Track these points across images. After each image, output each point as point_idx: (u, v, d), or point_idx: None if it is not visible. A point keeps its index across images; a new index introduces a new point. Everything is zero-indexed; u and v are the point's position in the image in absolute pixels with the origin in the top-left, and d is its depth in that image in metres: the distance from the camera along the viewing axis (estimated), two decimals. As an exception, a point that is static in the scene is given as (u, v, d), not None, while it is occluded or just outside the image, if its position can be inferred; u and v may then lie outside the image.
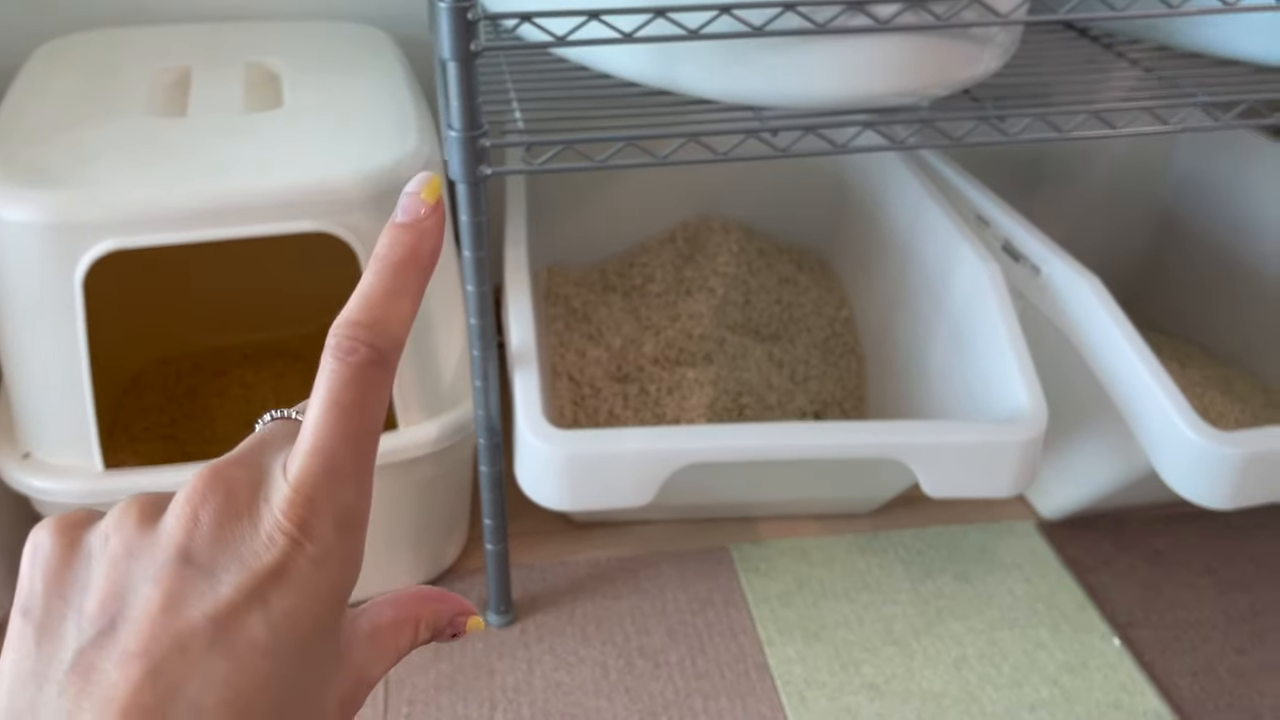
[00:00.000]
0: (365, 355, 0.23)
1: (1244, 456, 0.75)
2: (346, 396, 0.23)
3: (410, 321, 0.24)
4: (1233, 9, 0.74)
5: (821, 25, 0.68)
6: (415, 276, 0.24)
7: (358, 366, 0.23)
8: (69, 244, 0.71)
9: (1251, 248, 1.10)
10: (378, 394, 0.23)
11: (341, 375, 0.23)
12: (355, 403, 0.23)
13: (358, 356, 0.23)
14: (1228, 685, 0.87)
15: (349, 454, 0.23)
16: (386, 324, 0.23)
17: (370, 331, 0.23)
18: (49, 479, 0.77)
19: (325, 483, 0.23)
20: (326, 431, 0.23)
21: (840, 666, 0.87)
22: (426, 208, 0.24)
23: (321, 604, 0.23)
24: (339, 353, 0.23)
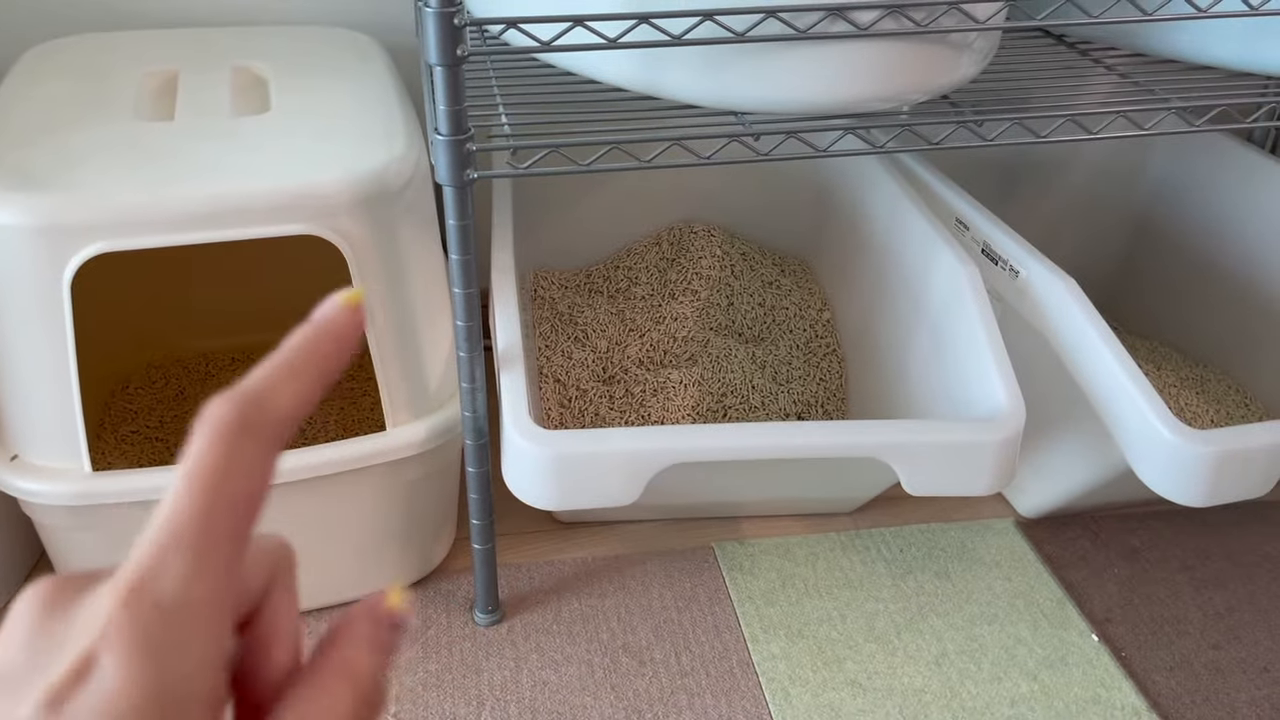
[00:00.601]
0: (231, 422, 0.21)
1: (1218, 455, 0.76)
2: (203, 464, 0.21)
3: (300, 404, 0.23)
4: (1205, 15, 0.76)
5: (802, 31, 0.69)
6: (311, 365, 0.23)
7: (220, 434, 0.21)
8: (57, 246, 0.71)
9: (1225, 250, 1.12)
10: (245, 466, 0.21)
11: (204, 441, 0.21)
12: (213, 471, 0.21)
13: (222, 423, 0.21)
14: (1204, 680, 0.88)
15: (203, 523, 0.21)
16: (264, 397, 0.22)
17: (242, 400, 0.22)
18: (37, 481, 0.77)
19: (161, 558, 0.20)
20: (173, 503, 0.21)
21: (823, 663, 0.88)
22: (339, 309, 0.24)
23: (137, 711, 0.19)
24: (204, 421, 0.21)
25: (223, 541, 0.21)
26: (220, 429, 0.21)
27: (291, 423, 0.23)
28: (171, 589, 0.20)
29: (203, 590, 0.21)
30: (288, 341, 0.23)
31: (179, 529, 0.21)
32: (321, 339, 0.24)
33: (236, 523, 0.21)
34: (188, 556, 0.20)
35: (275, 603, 0.24)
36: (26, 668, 0.20)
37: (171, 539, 0.21)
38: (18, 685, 0.20)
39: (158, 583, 0.20)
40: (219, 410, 0.22)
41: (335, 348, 0.24)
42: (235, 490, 0.21)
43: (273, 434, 0.22)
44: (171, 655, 0.20)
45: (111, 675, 0.19)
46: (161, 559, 0.20)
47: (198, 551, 0.21)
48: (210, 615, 0.21)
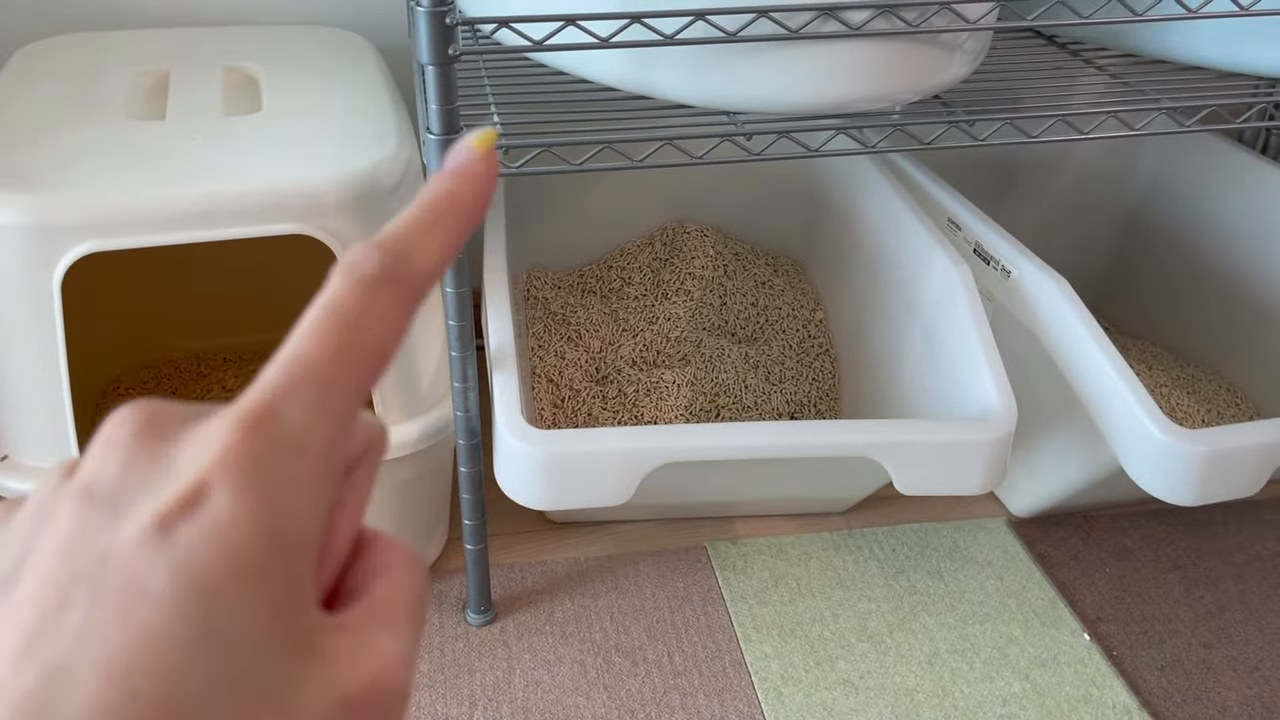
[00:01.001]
0: (375, 271, 0.21)
1: (1208, 454, 0.76)
2: (344, 305, 0.20)
3: (443, 258, 0.22)
4: (1195, 16, 0.76)
5: (794, 31, 0.70)
6: (451, 215, 0.22)
7: (364, 280, 0.21)
8: (47, 246, 0.71)
9: (1216, 250, 1.12)
10: (385, 313, 0.21)
11: (343, 285, 0.21)
12: (353, 313, 0.20)
13: (365, 270, 0.21)
14: (1195, 679, 0.89)
15: (332, 367, 0.20)
16: (407, 249, 0.21)
17: (385, 251, 0.21)
18: (27, 482, 0.77)
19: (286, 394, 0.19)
20: (308, 338, 0.20)
21: (815, 663, 0.88)
22: (473, 154, 0.23)
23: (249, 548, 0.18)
24: (345, 267, 0.21)
25: (350, 389, 0.20)
26: (362, 275, 0.21)
27: (434, 277, 0.22)
28: (296, 426, 0.19)
29: (324, 434, 0.20)
30: (424, 192, 0.22)
31: (310, 366, 0.20)
32: (459, 187, 0.23)
33: (365, 373, 0.20)
34: (315, 395, 0.20)
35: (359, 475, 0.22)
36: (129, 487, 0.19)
37: (301, 375, 0.20)
38: (118, 503, 0.19)
39: (282, 417, 0.19)
40: (362, 255, 0.21)
41: (474, 196, 0.23)
42: (369, 339, 0.20)
43: (414, 287, 0.21)
44: (287, 494, 0.19)
45: (226, 505, 0.18)
46: (289, 393, 0.19)
47: (326, 392, 0.20)
48: (327, 461, 0.20)
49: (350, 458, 0.22)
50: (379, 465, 0.23)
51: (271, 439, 0.19)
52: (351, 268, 0.21)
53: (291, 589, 0.19)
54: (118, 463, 0.20)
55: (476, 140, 0.23)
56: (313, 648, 0.19)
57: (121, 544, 0.18)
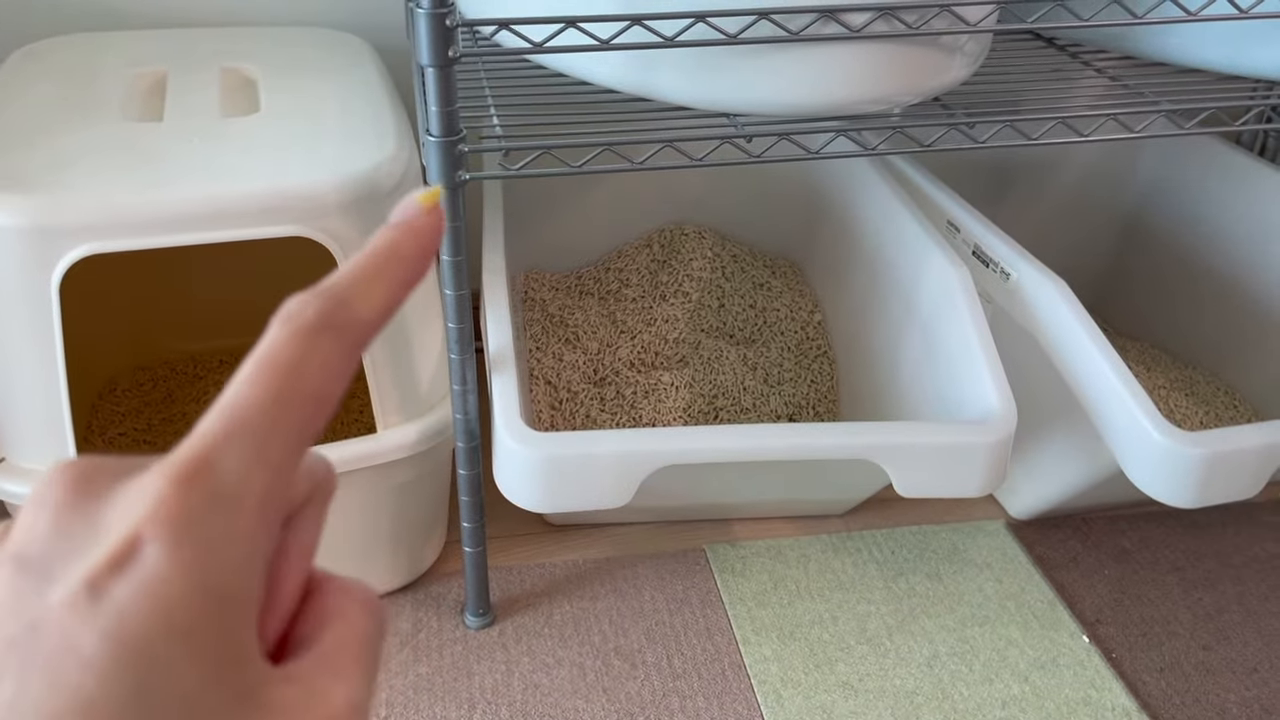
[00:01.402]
0: (314, 319, 0.20)
1: (1207, 456, 0.76)
2: (282, 353, 0.20)
3: (385, 306, 0.22)
4: (1195, 18, 0.76)
5: (795, 33, 0.69)
6: (394, 266, 0.22)
7: (303, 328, 0.20)
8: (45, 248, 0.71)
9: (1214, 253, 1.12)
10: (325, 360, 0.20)
11: (281, 334, 0.20)
12: (292, 361, 0.20)
13: (305, 318, 0.20)
14: (1194, 681, 0.89)
15: (269, 415, 0.20)
16: (348, 296, 0.21)
17: (325, 298, 0.21)
18: (23, 483, 0.76)
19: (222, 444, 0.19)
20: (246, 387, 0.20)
21: (815, 665, 0.88)
22: (419, 209, 0.23)
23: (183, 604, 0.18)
24: (284, 316, 0.21)
25: (289, 437, 0.20)
26: (300, 323, 0.20)
27: (374, 327, 0.22)
28: (231, 477, 0.19)
29: (261, 484, 0.19)
30: (370, 244, 0.22)
31: (246, 416, 0.19)
32: (403, 239, 0.23)
33: (305, 421, 0.20)
34: (251, 445, 0.19)
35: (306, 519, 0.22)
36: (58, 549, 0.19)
37: (237, 425, 0.19)
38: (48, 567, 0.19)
39: (217, 468, 0.19)
40: (300, 305, 0.21)
41: (418, 249, 0.23)
42: (309, 386, 0.20)
43: (354, 335, 0.21)
44: (222, 547, 0.19)
45: (157, 560, 0.18)
46: (224, 444, 0.19)
47: (263, 442, 0.20)
48: (263, 512, 0.20)
49: (294, 501, 0.22)
50: (326, 507, 0.23)
51: (206, 491, 0.19)
52: (290, 316, 0.21)
53: (230, 643, 0.19)
54: (47, 525, 0.19)
55: (423, 196, 0.23)
56: (258, 702, 0.19)
57: (52, 609, 0.18)
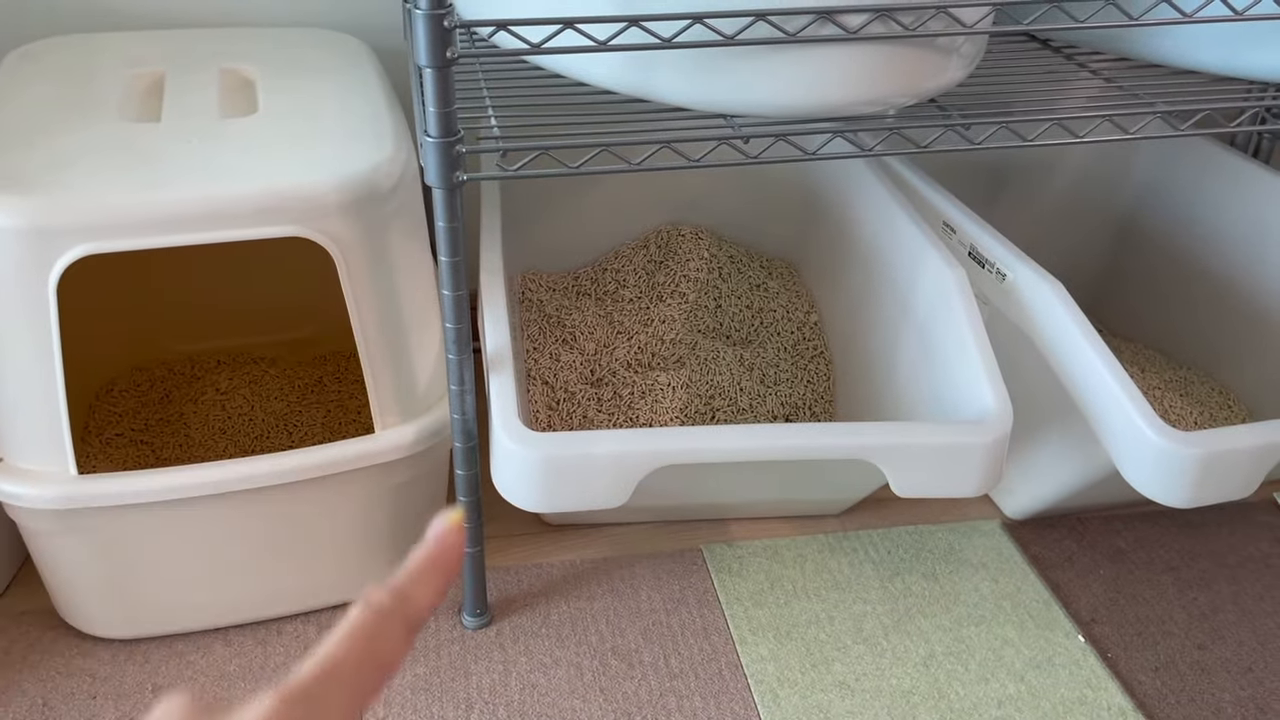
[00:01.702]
0: (385, 604, 0.28)
1: (1203, 456, 0.77)
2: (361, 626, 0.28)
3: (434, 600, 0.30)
4: (1191, 20, 0.76)
5: (792, 35, 0.70)
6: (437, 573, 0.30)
7: (377, 609, 0.28)
8: (43, 248, 0.71)
9: (1209, 254, 1.13)
10: (389, 638, 0.28)
11: (362, 611, 0.28)
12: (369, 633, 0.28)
13: (379, 605, 0.28)
14: (1189, 681, 0.89)
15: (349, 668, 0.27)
16: (408, 594, 0.29)
17: (393, 593, 0.29)
18: (21, 484, 0.76)
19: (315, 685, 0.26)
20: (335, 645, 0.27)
21: (811, 665, 0.88)
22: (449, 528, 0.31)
23: None
24: (365, 602, 0.29)
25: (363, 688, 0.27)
26: (377, 608, 0.28)
27: (427, 613, 0.30)
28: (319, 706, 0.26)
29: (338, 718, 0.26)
30: (415, 555, 0.31)
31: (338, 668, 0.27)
32: (441, 553, 0.31)
33: (376, 677, 0.28)
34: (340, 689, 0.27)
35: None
36: None
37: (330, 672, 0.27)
38: None
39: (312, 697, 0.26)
40: (377, 596, 0.29)
41: (450, 557, 0.31)
42: (381, 651, 0.28)
43: (414, 619, 0.29)
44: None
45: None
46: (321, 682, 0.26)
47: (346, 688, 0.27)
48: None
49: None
50: None
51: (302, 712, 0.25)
52: (370, 602, 0.29)
53: None
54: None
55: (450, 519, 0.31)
56: None
57: None
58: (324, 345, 1.10)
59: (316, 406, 1.04)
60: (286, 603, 0.90)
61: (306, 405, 1.03)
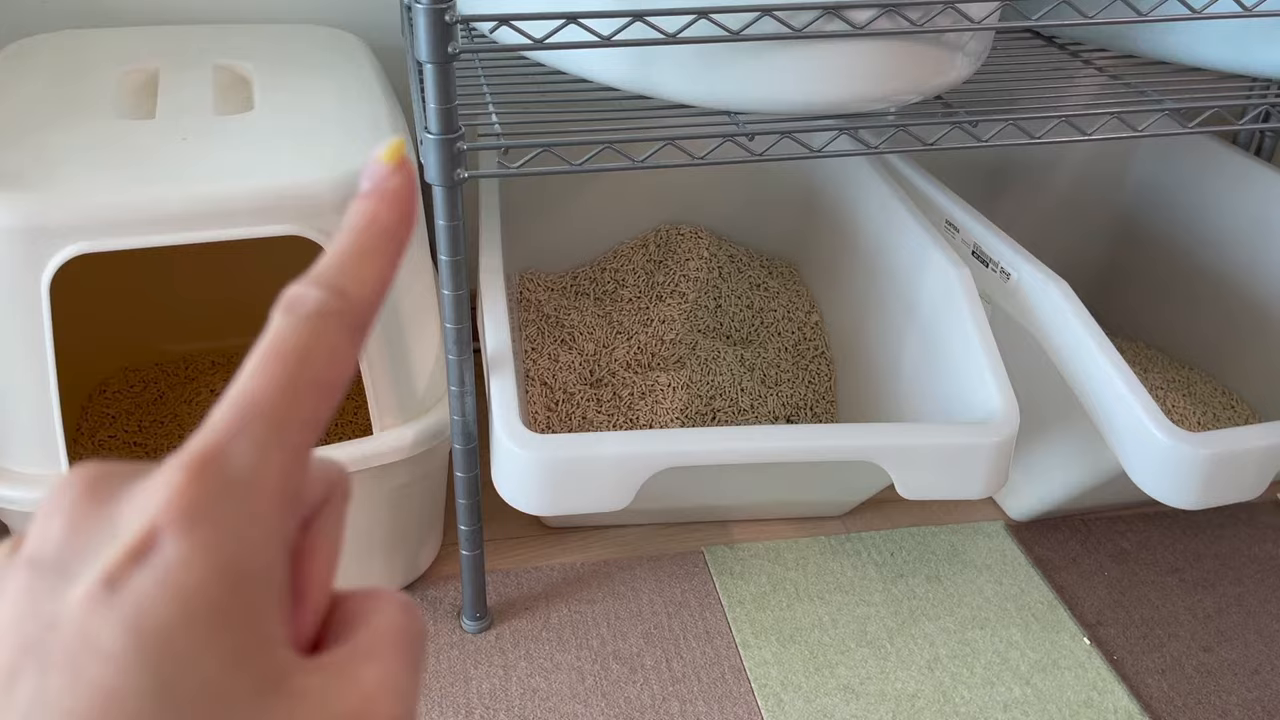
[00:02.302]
0: (314, 306, 0.21)
1: (1212, 457, 0.76)
2: (288, 341, 0.20)
3: (379, 285, 0.22)
4: (1200, 16, 0.76)
5: (798, 30, 0.69)
6: (380, 240, 0.22)
7: (305, 317, 0.21)
8: (36, 248, 0.70)
9: (1209, 252, 1.12)
10: (330, 346, 0.21)
11: (286, 323, 0.21)
12: (297, 351, 0.20)
13: (305, 308, 0.21)
14: (1195, 683, 0.88)
15: (280, 402, 0.20)
16: (343, 281, 0.21)
17: (322, 286, 0.21)
18: (13, 487, 0.75)
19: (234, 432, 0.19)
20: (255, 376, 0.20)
21: (815, 668, 0.87)
22: (386, 169, 0.22)
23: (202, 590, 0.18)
24: (285, 305, 0.21)
25: (301, 422, 0.20)
26: (303, 310, 0.21)
27: (373, 307, 0.22)
28: (245, 461, 0.19)
29: (277, 468, 0.19)
30: (347, 220, 0.22)
31: (257, 403, 0.20)
32: (380, 209, 0.22)
33: (316, 406, 0.20)
34: (265, 430, 0.19)
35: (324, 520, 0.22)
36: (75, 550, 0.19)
37: (249, 413, 0.19)
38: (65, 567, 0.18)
39: (230, 455, 0.19)
40: (300, 293, 0.21)
41: (398, 215, 0.22)
42: (317, 373, 0.20)
43: (356, 318, 0.21)
44: (240, 531, 0.19)
45: (175, 549, 0.18)
46: (237, 431, 0.19)
47: (276, 427, 0.20)
48: (281, 496, 0.20)
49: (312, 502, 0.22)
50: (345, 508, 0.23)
51: (221, 478, 0.19)
52: (292, 305, 0.21)
53: (254, 629, 0.18)
54: (61, 527, 0.19)
55: (386, 154, 0.23)
56: (285, 689, 0.18)
57: (70, 607, 0.18)
58: (320, 345, 1.08)
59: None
60: (283, 607, 0.88)
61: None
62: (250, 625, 0.18)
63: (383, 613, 0.21)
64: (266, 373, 0.20)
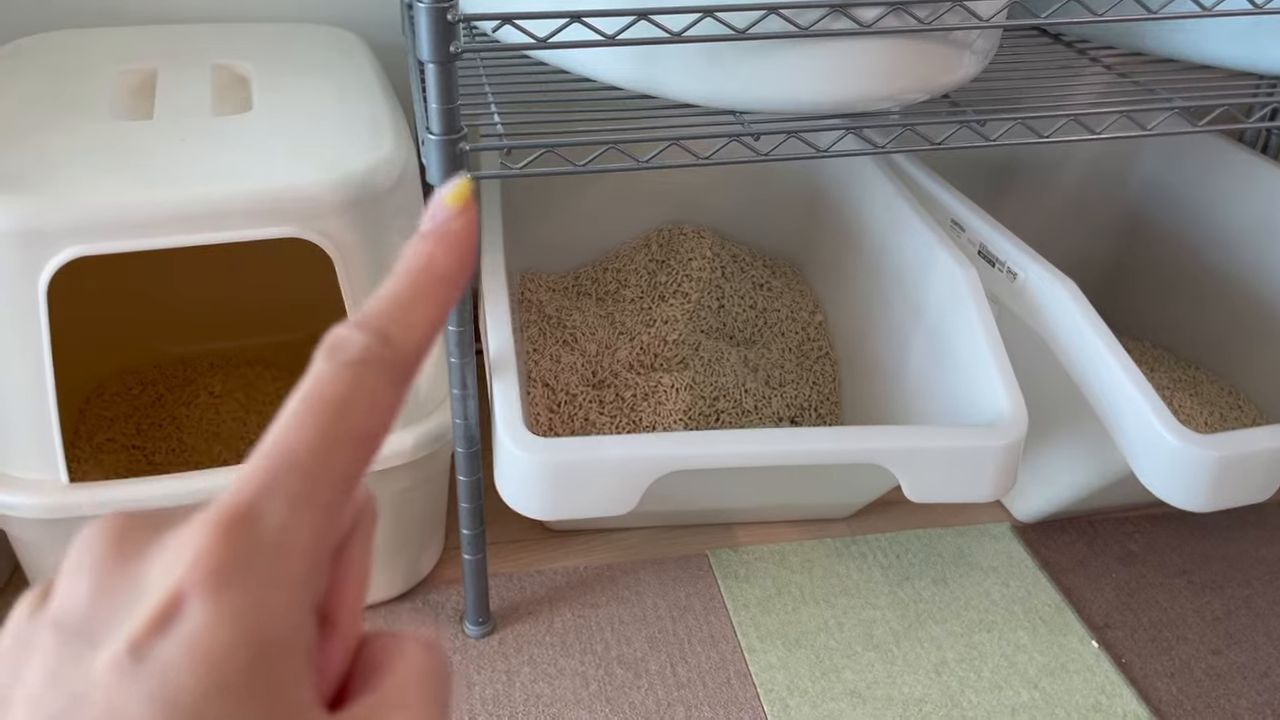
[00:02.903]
0: (358, 353, 0.20)
1: (1222, 459, 0.75)
2: (326, 393, 0.19)
3: (429, 332, 0.21)
4: (1209, 14, 0.75)
5: (804, 29, 0.68)
6: (435, 285, 0.21)
7: (347, 364, 0.19)
8: (32, 250, 0.69)
9: (1216, 251, 1.11)
10: (371, 399, 0.19)
11: (327, 369, 0.19)
12: (336, 401, 0.19)
13: (348, 354, 0.20)
14: (1205, 686, 0.87)
15: (316, 456, 0.19)
16: (390, 327, 0.20)
17: (368, 331, 0.20)
18: (11, 493, 0.74)
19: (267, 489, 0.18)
20: (291, 427, 0.19)
21: (821, 673, 0.87)
22: (449, 211, 0.22)
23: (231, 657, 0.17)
24: (328, 350, 0.20)
25: (338, 479, 0.19)
26: (347, 357, 0.20)
27: (420, 356, 0.21)
28: (276, 522, 0.18)
29: (310, 528, 0.19)
30: (403, 260, 0.21)
31: (293, 458, 0.19)
32: (439, 252, 0.21)
33: (354, 461, 0.19)
34: (300, 488, 0.19)
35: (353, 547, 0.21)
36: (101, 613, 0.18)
37: (283, 468, 0.18)
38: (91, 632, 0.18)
39: (262, 515, 0.18)
40: (344, 337, 0.20)
41: (456, 261, 0.21)
42: (357, 425, 0.19)
43: (401, 366, 0.20)
44: (270, 596, 0.18)
45: (202, 615, 0.17)
46: (270, 489, 0.18)
47: (312, 484, 0.19)
48: (312, 555, 0.19)
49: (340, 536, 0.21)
50: (373, 532, 0.22)
51: (251, 540, 0.18)
52: (334, 350, 0.20)
53: (283, 695, 0.18)
54: (87, 589, 0.19)
55: (451, 196, 0.22)
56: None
57: (97, 677, 0.17)
58: (320, 347, 1.08)
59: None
60: (284, 612, 0.87)
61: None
62: (279, 691, 0.18)
63: (407, 657, 0.20)
64: (303, 424, 0.19)
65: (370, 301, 0.21)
